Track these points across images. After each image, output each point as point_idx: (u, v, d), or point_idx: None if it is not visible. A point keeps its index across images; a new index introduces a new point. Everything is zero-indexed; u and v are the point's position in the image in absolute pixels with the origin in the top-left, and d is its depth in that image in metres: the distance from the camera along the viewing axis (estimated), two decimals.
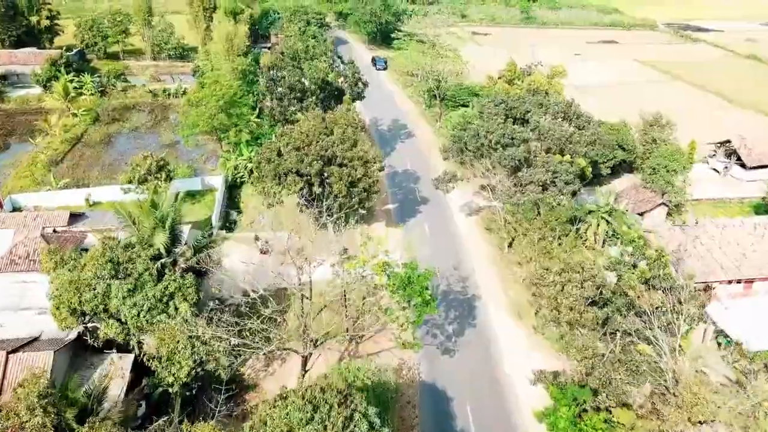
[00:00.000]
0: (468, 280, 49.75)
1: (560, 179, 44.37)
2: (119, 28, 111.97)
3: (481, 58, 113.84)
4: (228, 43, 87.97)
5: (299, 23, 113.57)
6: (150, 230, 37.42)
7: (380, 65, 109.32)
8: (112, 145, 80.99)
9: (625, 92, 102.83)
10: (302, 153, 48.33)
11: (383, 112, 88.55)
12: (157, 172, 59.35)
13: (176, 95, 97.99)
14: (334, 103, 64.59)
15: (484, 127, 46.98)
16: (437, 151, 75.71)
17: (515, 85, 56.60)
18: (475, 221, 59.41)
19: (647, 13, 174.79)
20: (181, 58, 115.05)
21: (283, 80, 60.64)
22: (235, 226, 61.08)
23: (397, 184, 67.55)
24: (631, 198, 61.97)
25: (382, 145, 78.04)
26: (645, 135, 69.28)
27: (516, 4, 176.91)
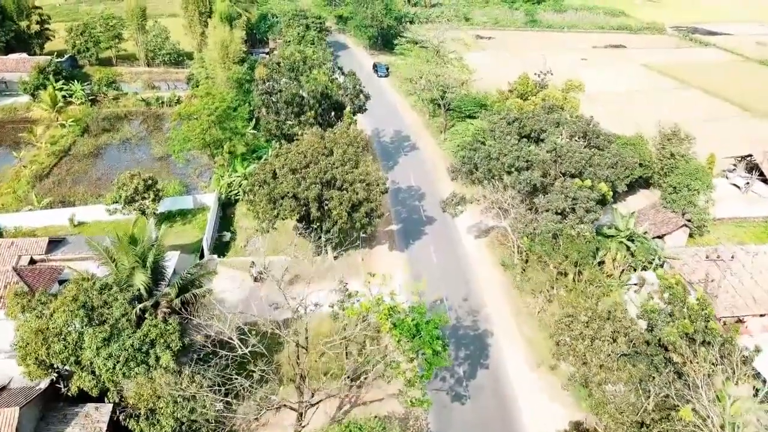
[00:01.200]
0: (479, 314, 45.96)
1: (580, 206, 40.60)
2: (112, 33, 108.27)
3: (486, 64, 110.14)
4: (223, 50, 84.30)
5: (298, 28, 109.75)
6: (129, 270, 33.60)
7: (382, 72, 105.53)
8: (101, 158, 77.25)
9: (634, 100, 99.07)
10: (299, 176, 44.56)
11: (385, 122, 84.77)
12: (144, 191, 55.57)
13: (170, 104, 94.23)
14: (334, 116, 60.84)
15: (497, 148, 43.20)
16: (443, 165, 71.98)
17: (528, 100, 52.86)
18: (484, 244, 55.63)
19: (654, 16, 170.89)
20: (176, 64, 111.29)
21: (279, 93, 56.83)
22: (229, 248, 57.36)
23: (401, 201, 63.77)
24: (650, 218, 58.18)
25: (384, 159, 74.35)
26: (662, 149, 65.59)
27: (520, 7, 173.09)
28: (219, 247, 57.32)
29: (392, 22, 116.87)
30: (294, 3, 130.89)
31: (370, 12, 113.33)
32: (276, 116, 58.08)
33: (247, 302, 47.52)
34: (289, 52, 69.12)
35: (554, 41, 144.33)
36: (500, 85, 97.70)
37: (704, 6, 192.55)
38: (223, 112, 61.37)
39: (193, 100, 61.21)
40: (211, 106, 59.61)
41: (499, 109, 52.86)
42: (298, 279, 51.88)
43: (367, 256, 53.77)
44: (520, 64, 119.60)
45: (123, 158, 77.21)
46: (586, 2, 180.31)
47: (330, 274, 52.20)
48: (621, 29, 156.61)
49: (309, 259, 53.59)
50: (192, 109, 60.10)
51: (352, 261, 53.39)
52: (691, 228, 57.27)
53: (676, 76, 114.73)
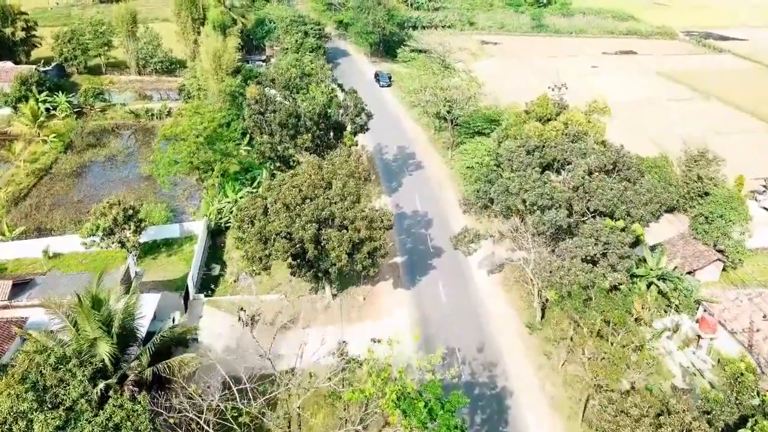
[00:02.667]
0: (496, 367, 40.89)
1: (613, 252, 35.59)
2: (100, 41, 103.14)
3: (494, 73, 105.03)
4: (215, 60, 79.20)
5: (296, 35, 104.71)
6: (90, 339, 28.53)
7: (384, 81, 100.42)
8: (84, 177, 72.18)
9: (650, 112, 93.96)
10: (294, 213, 39.49)
11: (388, 137, 79.68)
12: (125, 222, 50.53)
13: (160, 116, 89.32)
14: (333, 137, 55.79)
15: (517, 182, 38.15)
16: (450, 186, 66.97)
17: (549, 124, 47.87)
18: (498, 281, 50.52)
19: (664, 20, 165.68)
20: (168, 72, 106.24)
21: (273, 114, 51.79)
22: (218, 283, 52.29)
23: (406, 229, 58.67)
24: (679, 250, 53.09)
25: (387, 179, 69.24)
26: (689, 171, 60.62)
27: (525, 10, 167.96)
28: (207, 282, 52.28)
29: (395, 28, 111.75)
30: (292, 8, 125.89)
31: (371, 18, 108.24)
32: (270, 137, 53.00)
33: (236, 350, 42.66)
34: (285, 65, 64.17)
35: (563, 47, 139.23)
36: (509, 97, 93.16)
37: (715, 10, 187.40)
38: (213, 132, 56.30)
39: (180, 119, 56.12)
40: (198, 127, 54.54)
41: (515, 132, 47.86)
42: (294, 321, 46.98)
43: (369, 295, 48.73)
44: (529, 71, 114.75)
45: (108, 177, 72.18)
46: (593, 6, 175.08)
47: (329, 314, 47.29)
48: (631, 34, 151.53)
49: (305, 298, 48.66)
50: (178, 129, 55.03)
51: (353, 300, 48.36)
52: (725, 262, 52.21)
53: (691, 84, 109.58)
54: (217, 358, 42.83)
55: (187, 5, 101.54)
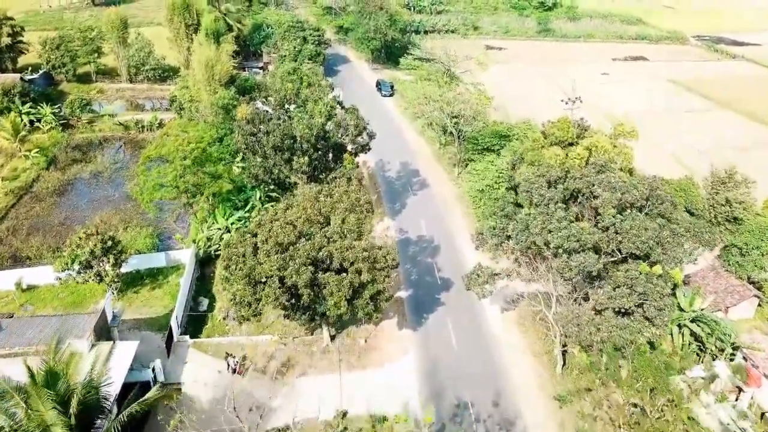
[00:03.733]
0: (513, 427, 36.36)
1: (651, 304, 31.15)
2: (90, 47, 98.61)
3: (501, 81, 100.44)
4: (208, 71, 74.70)
5: (294, 41, 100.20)
6: (43, 425, 24.04)
7: (386, 90, 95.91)
8: (68, 195, 67.71)
9: (666, 124, 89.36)
10: (287, 254, 35.01)
11: (390, 152, 75.15)
12: (103, 255, 46.09)
13: (151, 128, 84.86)
14: (332, 158, 51.28)
15: (539, 220, 33.69)
16: (458, 208, 62.51)
17: (570, 149, 43.35)
18: (514, 320, 46.08)
19: (673, 24, 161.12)
20: (161, 80, 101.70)
21: (267, 135, 47.28)
22: (206, 321, 47.82)
23: (411, 257, 54.17)
24: (710, 284, 48.63)
25: (390, 199, 64.73)
26: (716, 194, 56.18)
27: (531, 14, 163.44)
28: (194, 320, 47.80)
29: (397, 34, 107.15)
30: (290, 13, 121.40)
31: (373, 24, 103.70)
32: (263, 160, 48.50)
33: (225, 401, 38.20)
34: (280, 79, 59.73)
35: (570, 52, 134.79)
36: (517, 107, 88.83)
37: (725, 13, 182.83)
38: (202, 153, 51.81)
39: (165, 138, 51.67)
40: (185, 148, 50.05)
41: (532, 158, 43.41)
42: (289, 367, 42.53)
43: (371, 336, 44.24)
44: (537, 78, 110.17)
45: (93, 196, 67.74)
46: (600, 9, 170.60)
47: (327, 360, 42.82)
48: (640, 39, 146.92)
49: (300, 339, 44.20)
50: (163, 150, 50.58)
51: (353, 343, 43.88)
52: (761, 298, 47.71)
53: (706, 93, 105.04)
54: (201, 409, 38.69)
55: (179, 11, 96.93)
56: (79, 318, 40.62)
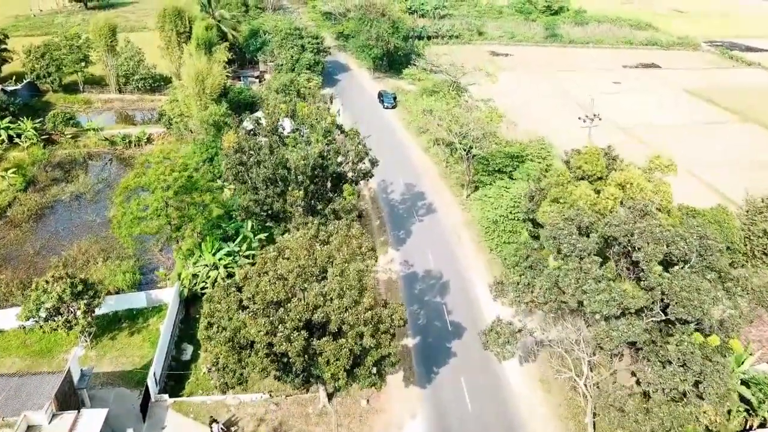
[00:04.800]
0: None
1: (710, 386, 26.13)
2: (76, 56, 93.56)
3: (509, 90, 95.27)
4: (199, 84, 69.71)
5: (292, 50, 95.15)
6: None
7: (388, 102, 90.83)
8: (45, 221, 62.72)
9: (687, 140, 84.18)
10: (277, 317, 29.97)
11: (394, 171, 70.10)
12: (74, 299, 41.06)
13: (138, 143, 79.87)
14: (331, 187, 46.16)
15: (571, 277, 28.69)
16: (468, 237, 57.44)
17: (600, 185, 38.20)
18: (535, 373, 40.99)
19: (684, 29, 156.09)
20: (152, 90, 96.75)
21: (257, 166, 42.22)
22: (189, 373, 42.74)
23: (418, 296, 49.07)
24: (753, 332, 43.57)
25: (394, 226, 59.64)
26: (752, 225, 51.21)
27: (537, 18, 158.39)
28: (177, 371, 42.70)
29: (400, 42, 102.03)
30: (288, 19, 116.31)
31: (374, 31, 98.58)
32: (254, 193, 43.41)
33: None
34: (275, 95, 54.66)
35: (579, 59, 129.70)
36: (527, 119, 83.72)
37: (736, 17, 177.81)
38: (187, 180, 46.74)
39: (144, 167, 46.53)
40: (168, 177, 44.96)
41: (556, 195, 38.29)
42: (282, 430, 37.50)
43: (374, 397, 39.11)
44: (547, 88, 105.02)
45: (72, 221, 62.81)
46: (609, 13, 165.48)
47: (324, 425, 37.73)
48: (651, 45, 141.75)
49: (294, 398, 39.15)
50: (143, 180, 45.51)
51: (354, 404, 38.78)
52: None
53: (725, 104, 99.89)
54: None
55: (171, 18, 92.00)
56: (42, 379, 35.55)
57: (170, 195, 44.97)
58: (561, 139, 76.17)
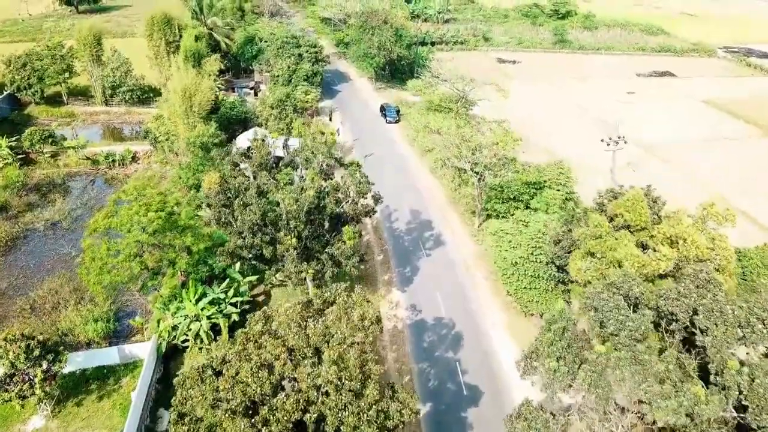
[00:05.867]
0: None
1: None
2: (59, 66, 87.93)
3: (520, 101, 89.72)
4: (186, 101, 64.05)
5: (289, 59, 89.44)
6: None
7: (391, 116, 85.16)
8: (15, 254, 56.95)
9: (706, 155, 78.75)
10: (260, 417, 24.32)
11: (398, 195, 64.53)
12: (31, 364, 35.42)
13: (123, 162, 74.21)
14: (328, 228, 40.46)
15: (622, 369, 23.11)
16: (481, 275, 51.79)
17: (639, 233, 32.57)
18: None
19: (696, 33, 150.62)
20: (141, 102, 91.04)
21: (244, 210, 36.58)
22: None
23: (428, 351, 43.34)
24: None
25: (399, 261, 53.89)
26: None
27: (544, 22, 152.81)
28: None
29: (403, 50, 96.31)
30: (284, 25, 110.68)
31: (376, 40, 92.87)
32: (240, 238, 37.75)
33: None
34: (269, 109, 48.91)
35: (590, 66, 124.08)
36: (539, 135, 78.13)
37: (749, 21, 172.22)
38: (167, 219, 41.09)
39: (115, 207, 40.88)
40: (142, 219, 39.31)
41: (592, 248, 32.72)
42: None
43: None
44: (558, 97, 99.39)
45: (45, 254, 56.98)
46: (618, 17, 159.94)
47: None
48: (664, 51, 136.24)
49: None
50: (114, 221, 39.86)
51: None
52: None
53: (747, 117, 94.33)
54: None
55: (159, 26, 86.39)
56: None
57: (145, 239, 39.28)
58: (577, 155, 70.90)
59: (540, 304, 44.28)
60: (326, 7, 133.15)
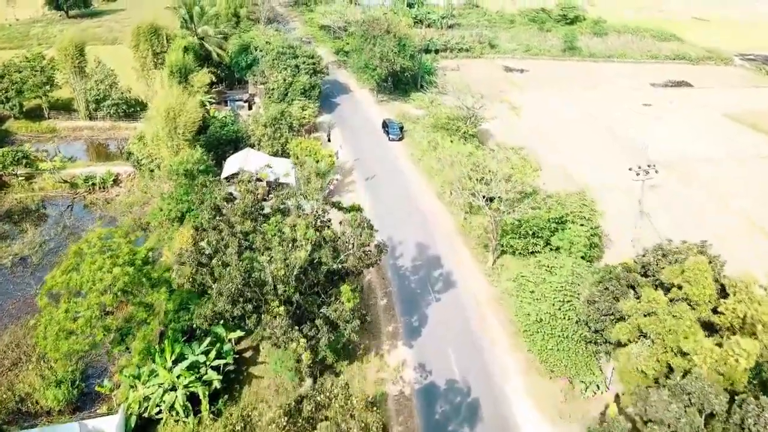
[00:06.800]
0: None
1: None
2: (39, 79, 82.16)
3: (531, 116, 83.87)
4: (170, 122, 58.26)
5: (285, 70, 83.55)
6: None
7: (394, 133, 79.32)
8: None
9: (739, 179, 72.82)
10: None
11: (402, 225, 58.86)
12: None
13: (103, 186, 68.42)
14: (322, 289, 34.62)
15: None
16: (497, 322, 45.98)
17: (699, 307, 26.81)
18: None
19: (709, 39, 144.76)
20: (127, 116, 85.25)
21: (222, 270, 30.77)
22: None
23: (439, 425, 37.37)
24: None
25: (405, 308, 47.95)
26: None
27: (552, 27, 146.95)
28: None
29: (407, 62, 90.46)
30: (281, 33, 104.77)
31: (378, 50, 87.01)
32: (219, 297, 31.83)
33: None
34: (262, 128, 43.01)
35: (601, 75, 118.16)
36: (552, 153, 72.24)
37: (763, 26, 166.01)
38: (136, 274, 35.26)
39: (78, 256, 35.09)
40: (106, 276, 33.48)
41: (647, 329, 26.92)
42: None
43: None
44: (570, 110, 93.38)
45: (9, 294, 51.27)
46: (629, 23, 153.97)
47: None
48: (678, 59, 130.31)
49: None
50: (73, 279, 34.03)
51: None
52: None
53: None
54: None
55: (146, 36, 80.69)
56: None
57: (109, 301, 33.45)
58: (594, 171, 65.40)
59: (569, 367, 38.50)
60: (325, 13, 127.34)
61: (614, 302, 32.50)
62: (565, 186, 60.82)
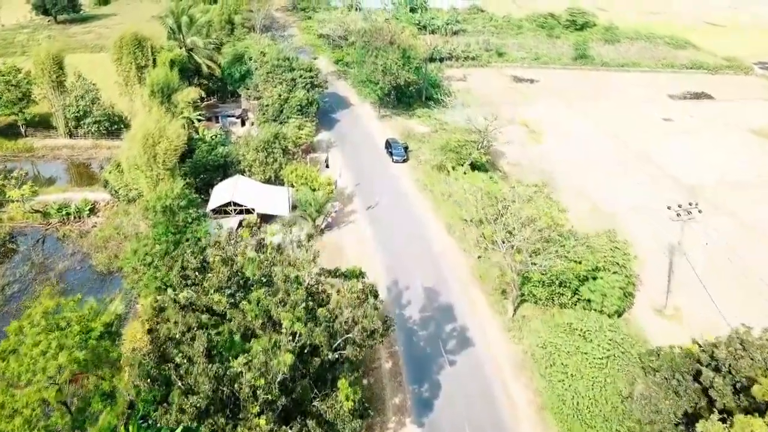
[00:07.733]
0: None
1: None
2: (13, 94, 75.90)
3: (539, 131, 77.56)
4: (148, 150, 51.92)
5: (280, 85, 77.16)
6: None
7: (398, 154, 72.94)
8: None
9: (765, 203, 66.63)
10: None
11: (409, 266, 52.67)
12: None
13: (79, 215, 62.10)
14: (316, 383, 28.24)
15: None
16: (522, 392, 39.57)
17: None
18: None
19: (725, 45, 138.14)
20: (110, 134, 79.00)
21: (190, 367, 24.46)
22: None
23: None
24: None
25: (413, 375, 41.40)
26: None
27: (561, 34, 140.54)
28: None
29: (412, 75, 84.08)
30: (276, 44, 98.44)
31: (381, 63, 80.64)
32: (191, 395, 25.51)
33: None
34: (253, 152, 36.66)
35: (616, 86, 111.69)
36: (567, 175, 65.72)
37: None
38: (89, 357, 28.92)
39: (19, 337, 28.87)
40: (51, 364, 27.12)
41: None
42: None
43: None
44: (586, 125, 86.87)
45: None
46: (642, 29, 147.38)
47: None
48: (695, 68, 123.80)
49: None
50: (11, 367, 27.64)
51: None
52: None
53: None
54: None
55: (129, 48, 74.28)
56: None
57: (53, 398, 27.09)
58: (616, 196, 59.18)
59: None
60: (323, 21, 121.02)
61: (677, 399, 26.18)
62: (592, 219, 54.53)
